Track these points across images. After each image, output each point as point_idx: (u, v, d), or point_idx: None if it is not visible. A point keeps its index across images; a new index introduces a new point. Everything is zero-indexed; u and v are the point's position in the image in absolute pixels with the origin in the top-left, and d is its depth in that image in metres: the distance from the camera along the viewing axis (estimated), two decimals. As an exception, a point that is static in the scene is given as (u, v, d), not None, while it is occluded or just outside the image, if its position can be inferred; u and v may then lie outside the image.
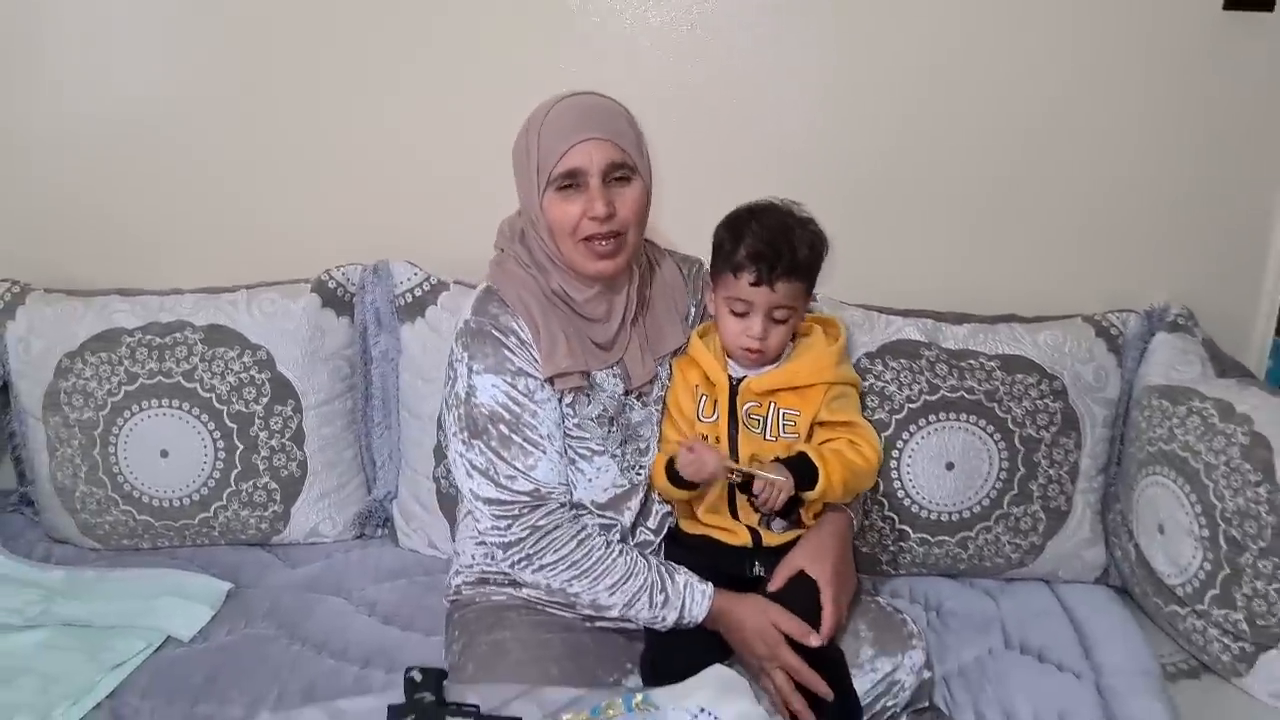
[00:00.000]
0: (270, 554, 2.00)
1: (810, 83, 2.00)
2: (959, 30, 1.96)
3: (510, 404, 1.48)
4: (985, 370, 1.88)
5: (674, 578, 1.49)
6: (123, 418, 1.92)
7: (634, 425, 1.58)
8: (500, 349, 1.48)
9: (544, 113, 1.46)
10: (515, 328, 1.50)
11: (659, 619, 1.47)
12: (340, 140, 2.06)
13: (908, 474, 1.87)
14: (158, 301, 1.97)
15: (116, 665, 1.64)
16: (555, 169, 1.42)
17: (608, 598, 1.47)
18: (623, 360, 1.56)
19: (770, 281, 1.45)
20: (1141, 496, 1.82)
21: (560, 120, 1.44)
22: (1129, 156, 2.00)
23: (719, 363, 1.53)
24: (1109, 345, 1.92)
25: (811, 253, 1.48)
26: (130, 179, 2.10)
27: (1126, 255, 2.06)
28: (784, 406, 1.51)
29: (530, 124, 1.47)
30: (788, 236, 1.46)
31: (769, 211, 1.51)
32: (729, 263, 1.47)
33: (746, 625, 1.46)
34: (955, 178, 2.03)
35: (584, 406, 1.53)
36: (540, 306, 1.50)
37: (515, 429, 1.47)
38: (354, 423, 2.04)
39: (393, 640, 1.74)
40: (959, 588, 1.90)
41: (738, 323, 1.49)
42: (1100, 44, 1.95)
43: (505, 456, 1.47)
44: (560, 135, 1.42)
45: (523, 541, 1.47)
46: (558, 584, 1.48)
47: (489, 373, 1.48)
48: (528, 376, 1.49)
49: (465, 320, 1.52)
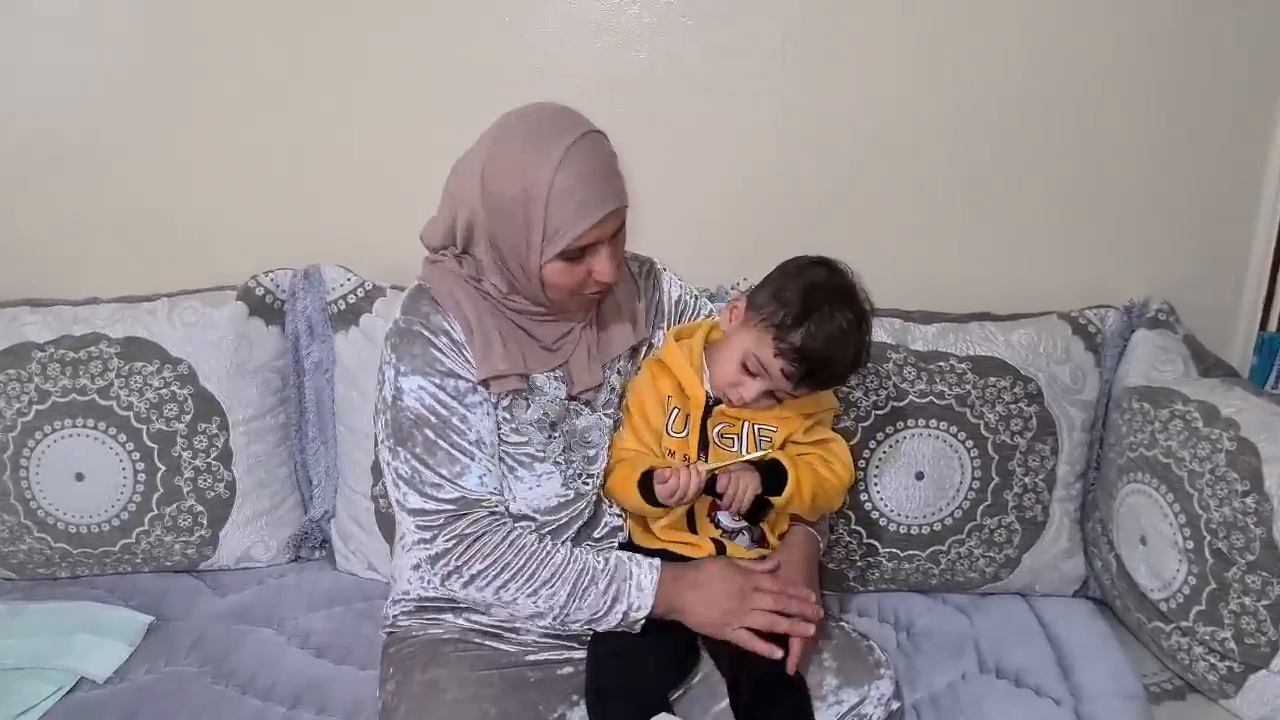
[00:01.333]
0: (199, 580, 1.87)
1: (771, 70, 1.89)
2: (928, 14, 1.85)
3: (437, 406, 1.36)
4: (956, 373, 1.77)
5: (614, 554, 1.40)
6: (34, 439, 1.78)
7: (580, 431, 1.46)
8: (429, 349, 1.37)
9: (548, 175, 1.26)
10: (447, 327, 1.38)
11: (606, 603, 1.36)
12: (268, 137, 1.93)
13: (875, 485, 1.77)
14: (71, 313, 1.84)
15: (23, 712, 1.51)
16: (571, 245, 1.29)
17: (549, 593, 1.36)
18: (567, 364, 1.44)
19: (798, 383, 1.35)
20: (1122, 505, 1.72)
21: (576, 191, 1.27)
22: (1106, 143, 1.90)
23: (697, 376, 1.41)
24: (1086, 344, 1.82)
25: (851, 369, 1.38)
26: (40, 181, 1.97)
27: (1104, 247, 1.96)
28: (759, 423, 1.41)
29: (527, 183, 1.27)
30: (843, 348, 1.34)
31: (844, 303, 1.35)
32: (777, 328, 1.33)
33: (710, 575, 1.38)
34: (923, 166, 1.93)
35: (522, 411, 1.41)
36: (475, 306, 1.38)
37: (442, 434, 1.36)
38: (287, 439, 1.91)
39: (325, 676, 1.62)
40: (931, 604, 1.80)
41: (740, 375, 1.37)
42: (1076, 26, 1.84)
43: (430, 464, 1.35)
44: (578, 212, 1.28)
45: (449, 553, 1.36)
46: (492, 594, 1.36)
47: (415, 374, 1.36)
48: (458, 378, 1.37)
49: (394, 320, 1.40)
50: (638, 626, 1.37)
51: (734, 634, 1.37)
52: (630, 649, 1.39)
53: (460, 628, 1.47)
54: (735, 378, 1.37)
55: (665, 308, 1.56)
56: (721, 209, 1.95)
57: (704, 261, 1.78)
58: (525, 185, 1.28)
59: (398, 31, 1.87)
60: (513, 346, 1.39)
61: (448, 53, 1.87)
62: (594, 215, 1.28)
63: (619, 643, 1.40)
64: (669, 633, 1.40)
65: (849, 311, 1.35)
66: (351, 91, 1.91)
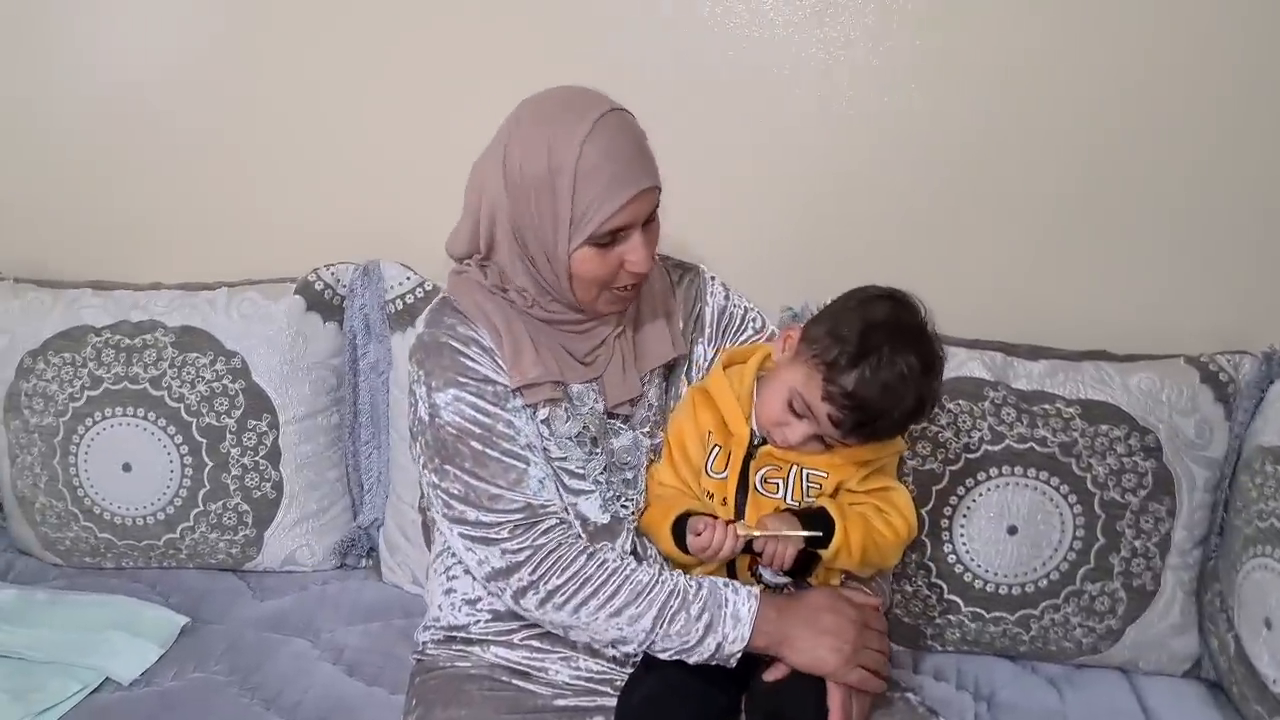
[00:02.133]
0: (242, 581, 1.81)
1: (862, 77, 1.73)
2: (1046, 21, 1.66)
3: (479, 415, 1.25)
4: (1063, 418, 1.59)
5: (707, 578, 1.24)
6: (84, 425, 1.75)
7: (617, 451, 1.34)
8: (458, 358, 1.27)
9: (573, 153, 1.18)
10: (474, 335, 1.28)
11: (698, 632, 1.20)
12: (339, 127, 1.86)
13: (961, 536, 1.59)
14: (131, 298, 1.80)
15: (44, 710, 1.47)
16: (602, 227, 1.19)
17: (633, 614, 1.21)
18: (603, 377, 1.33)
19: (848, 432, 1.20)
20: (1246, 580, 1.51)
21: (604, 168, 1.18)
22: (1248, 165, 1.68)
23: (742, 411, 1.27)
24: (1216, 394, 1.61)
25: (909, 421, 1.23)
26: (116, 166, 1.94)
27: (1243, 284, 1.73)
28: (809, 467, 1.26)
29: (553, 159, 1.19)
30: (900, 399, 1.18)
31: (907, 346, 1.19)
32: (829, 367, 1.18)
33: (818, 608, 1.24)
34: (1035, 181, 1.73)
35: (560, 423, 1.30)
36: (502, 313, 1.28)
37: (489, 443, 1.24)
38: (339, 441, 1.84)
39: (354, 697, 1.53)
40: (1017, 673, 1.62)
41: (786, 414, 1.23)
42: (1224, 32, 1.63)
43: (484, 476, 1.24)
44: (609, 190, 1.18)
45: (522, 565, 1.23)
46: (569, 614, 1.23)
47: (449, 386, 1.26)
48: (495, 384, 1.27)
49: (418, 336, 1.32)
50: (733, 661, 1.22)
51: (849, 676, 1.22)
52: (663, 701, 1.25)
53: (488, 663, 1.36)
54: (780, 417, 1.23)
55: (707, 319, 1.43)
56: (798, 222, 1.80)
57: (773, 278, 1.65)
58: (551, 162, 1.18)
59: (470, 28, 1.79)
60: (545, 353, 1.28)
61: (530, 51, 1.78)
62: (626, 192, 1.19)
63: (651, 693, 1.26)
64: (710, 684, 1.26)
65: (913, 356, 1.18)
66: (421, 90, 1.83)
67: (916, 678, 1.61)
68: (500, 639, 1.36)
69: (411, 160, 1.84)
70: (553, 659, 1.35)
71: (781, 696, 1.23)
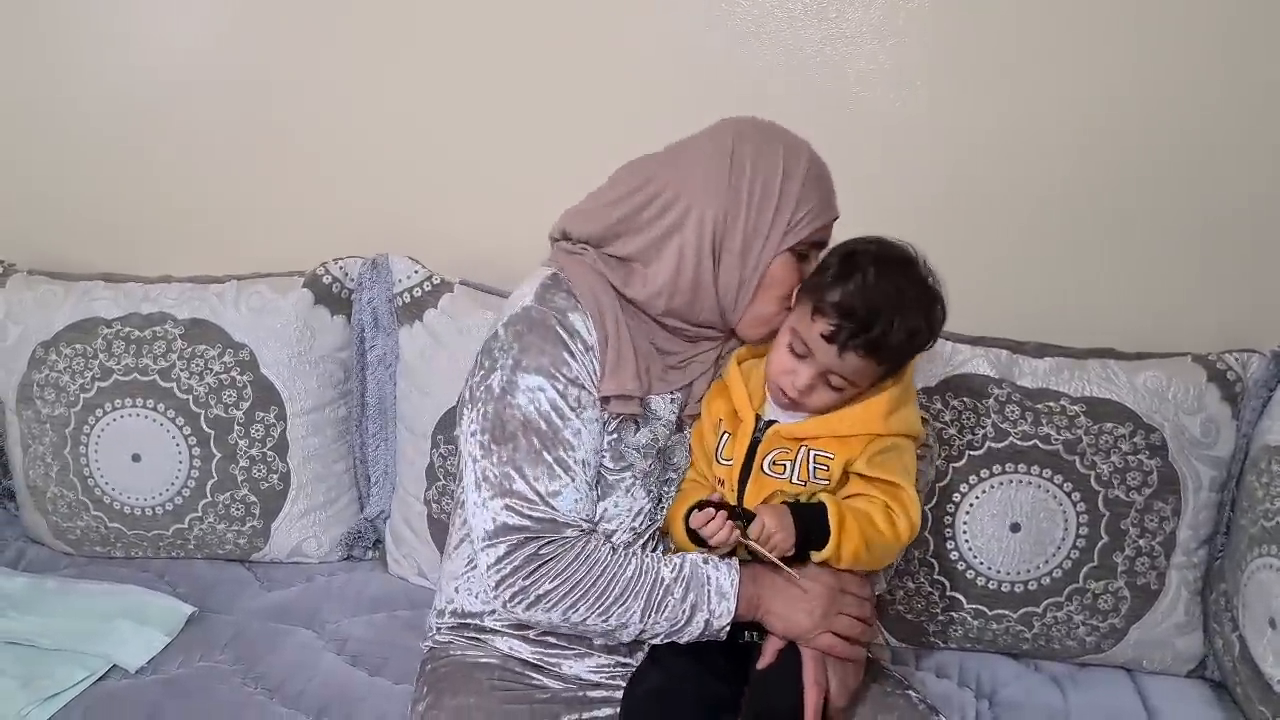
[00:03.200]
0: (249, 572, 1.82)
1: (881, 76, 1.73)
2: (1058, 25, 1.66)
3: (553, 414, 1.23)
4: (1067, 416, 1.58)
5: (687, 558, 1.26)
6: (94, 416, 1.76)
7: (668, 451, 1.35)
8: (559, 348, 1.23)
9: (805, 160, 1.26)
10: (581, 330, 1.25)
11: (685, 612, 1.22)
12: (347, 122, 1.88)
13: (964, 533, 1.59)
14: (141, 290, 1.81)
15: (51, 695, 1.48)
16: (812, 236, 1.26)
17: (621, 611, 1.22)
18: (690, 386, 1.32)
19: (842, 346, 1.18)
20: (1251, 580, 1.51)
21: (822, 185, 1.28)
22: (1255, 163, 1.67)
23: (752, 398, 1.27)
24: (1223, 392, 1.59)
25: (908, 342, 1.20)
26: (128, 160, 1.96)
27: (1251, 282, 1.73)
28: (817, 448, 1.25)
29: (787, 165, 1.24)
30: (893, 309, 1.17)
31: (895, 265, 1.21)
32: (816, 295, 1.19)
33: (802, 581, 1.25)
34: (1041, 180, 1.74)
35: (630, 434, 1.29)
36: (615, 310, 1.25)
37: (549, 445, 1.22)
38: (346, 434, 1.85)
39: (356, 686, 1.54)
40: (1020, 671, 1.62)
41: (790, 360, 1.22)
42: (1225, 41, 1.63)
43: (527, 474, 1.22)
44: (825, 203, 1.28)
45: (517, 572, 1.23)
46: (560, 616, 1.23)
47: (538, 373, 1.22)
48: (582, 389, 1.24)
49: (524, 306, 1.26)
50: (723, 634, 1.23)
51: (820, 639, 1.23)
52: (666, 695, 1.26)
53: (501, 653, 1.36)
54: (785, 363, 1.23)
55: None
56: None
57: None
58: (786, 167, 1.25)
59: (481, 21, 1.79)
60: (643, 364, 1.26)
61: (538, 45, 1.78)
62: (835, 210, 1.29)
63: (654, 686, 1.28)
64: (711, 677, 1.27)
65: (897, 273, 1.20)
66: (430, 84, 1.84)
67: (918, 674, 1.61)
68: (517, 631, 1.36)
69: (419, 154, 1.85)
70: (568, 655, 1.35)
71: (767, 680, 1.24)
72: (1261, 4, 1.61)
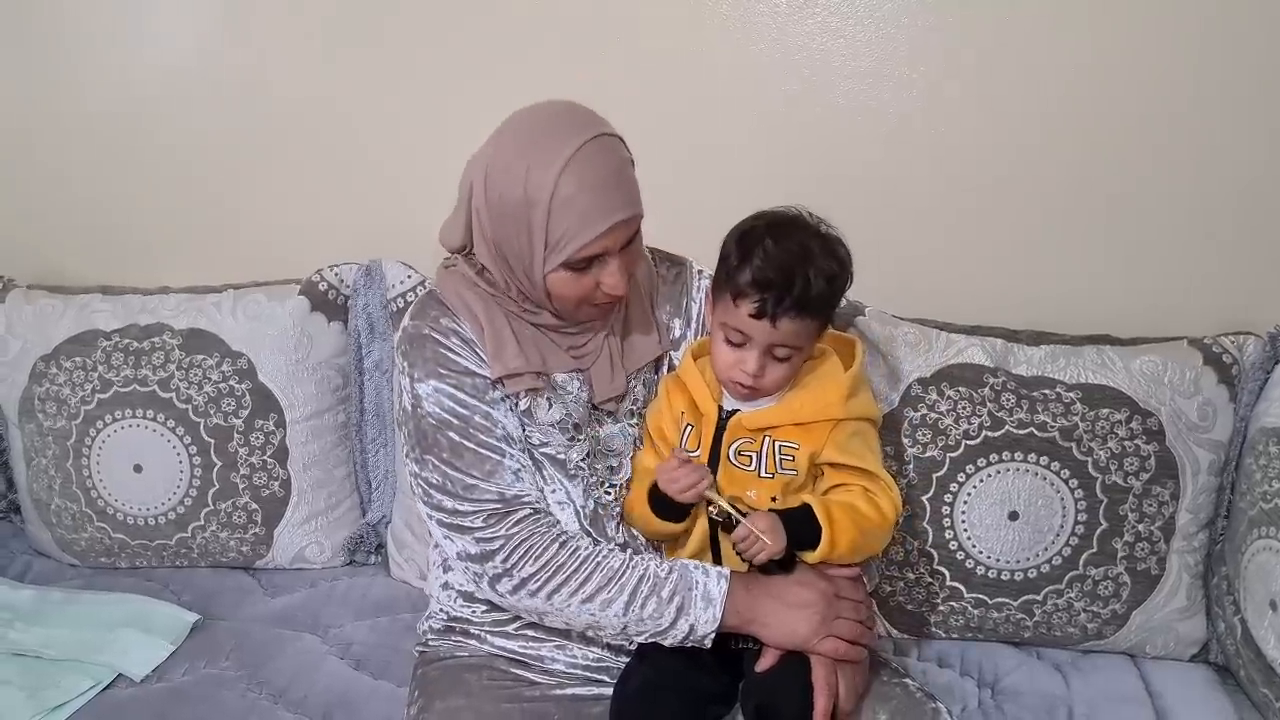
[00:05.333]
0: (253, 579, 1.84)
1: (857, 57, 1.73)
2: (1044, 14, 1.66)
3: (457, 407, 1.28)
4: (1063, 403, 1.58)
5: (679, 562, 1.27)
6: (95, 428, 1.78)
7: (603, 439, 1.37)
8: (440, 350, 1.30)
9: (550, 183, 1.18)
10: (457, 328, 1.31)
11: (670, 615, 1.22)
12: (338, 131, 1.89)
13: (962, 522, 1.59)
14: (139, 302, 1.82)
15: (58, 705, 1.50)
16: (575, 255, 1.21)
17: (604, 599, 1.24)
18: (589, 372, 1.35)
19: (773, 316, 1.19)
20: (1251, 562, 1.50)
21: (580, 199, 1.19)
22: (1248, 148, 1.66)
23: (710, 391, 1.30)
24: (1220, 376, 1.59)
25: (829, 287, 1.21)
26: (122, 173, 1.97)
27: (1246, 265, 1.72)
28: (781, 439, 1.27)
29: (529, 191, 1.19)
30: (804, 264, 1.19)
31: (788, 228, 1.23)
32: (730, 283, 1.21)
33: (788, 581, 1.26)
34: (1036, 167, 1.73)
35: (543, 411, 1.32)
36: (485, 306, 1.30)
37: (466, 434, 1.28)
38: (346, 439, 1.86)
39: (359, 690, 1.55)
40: (1022, 659, 1.62)
41: (732, 353, 1.24)
42: (1224, 23, 1.62)
43: (460, 466, 1.27)
44: (584, 221, 1.19)
45: (495, 554, 1.26)
46: (544, 600, 1.26)
47: (430, 378, 1.29)
48: (475, 376, 1.29)
49: (403, 327, 1.34)
50: (708, 641, 1.23)
51: (821, 645, 1.24)
52: (657, 690, 1.28)
53: (486, 653, 1.39)
54: (729, 356, 1.25)
55: (694, 314, 1.44)
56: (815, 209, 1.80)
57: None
58: (528, 190, 1.19)
59: (467, 32, 1.81)
60: (529, 345, 1.30)
61: (521, 54, 1.80)
62: (598, 226, 1.20)
63: (645, 681, 1.29)
64: (703, 673, 1.28)
65: (797, 234, 1.22)
66: (418, 92, 1.85)
67: (920, 664, 1.61)
68: (497, 630, 1.39)
69: (410, 160, 1.86)
70: (548, 647, 1.37)
71: (770, 684, 1.24)
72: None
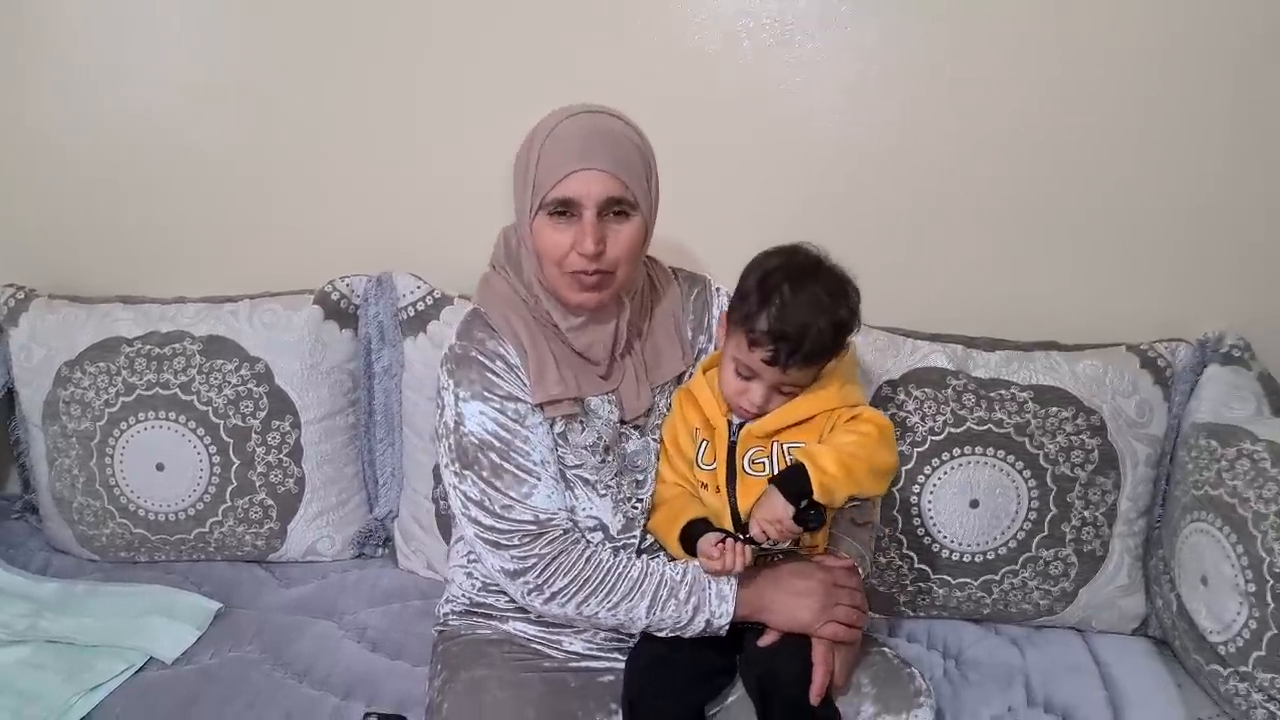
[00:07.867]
0: (267, 571, 1.95)
1: (831, 86, 1.88)
2: (992, 28, 1.81)
3: (500, 431, 1.39)
4: (1017, 402, 1.75)
5: (691, 564, 1.39)
6: (119, 429, 1.88)
7: (630, 455, 1.49)
8: (485, 373, 1.40)
9: (550, 127, 1.35)
10: (502, 352, 1.42)
11: (688, 613, 1.36)
12: (352, 147, 1.99)
13: (929, 510, 1.75)
14: (159, 310, 1.93)
15: (94, 687, 1.59)
16: (550, 193, 1.32)
17: (628, 606, 1.37)
18: (618, 390, 1.47)
19: (783, 366, 1.32)
20: (1185, 544, 1.68)
21: (564, 141, 1.33)
22: (1186, 169, 1.83)
23: (720, 406, 1.41)
24: (1155, 377, 1.78)
25: (837, 339, 1.34)
26: (141, 184, 2.06)
27: (1179, 278, 1.89)
28: (788, 441, 1.39)
29: (535, 136, 1.37)
30: (818, 317, 1.30)
31: (806, 279, 1.32)
32: (746, 325, 1.33)
33: (787, 573, 1.39)
34: (991, 189, 1.89)
35: (577, 434, 1.44)
36: (529, 330, 1.42)
37: (506, 457, 1.39)
38: (355, 439, 1.98)
39: (378, 670, 1.67)
40: (982, 634, 1.78)
41: (740, 383, 1.36)
42: (1156, 42, 1.78)
43: (498, 486, 1.39)
44: (561, 158, 1.32)
45: (529, 570, 1.39)
46: (573, 609, 1.39)
47: (475, 400, 1.40)
48: (517, 401, 1.41)
49: (450, 345, 1.44)
50: (723, 632, 1.38)
51: (825, 629, 1.37)
52: (666, 663, 1.41)
53: (506, 633, 1.51)
54: (737, 385, 1.37)
55: (714, 329, 1.55)
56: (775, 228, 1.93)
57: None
58: (533, 138, 1.36)
59: (475, 47, 1.90)
60: (566, 370, 1.41)
61: (528, 68, 1.90)
62: (572, 164, 1.31)
63: (654, 656, 1.42)
64: (707, 648, 1.41)
65: (813, 284, 1.32)
66: (427, 107, 1.95)
67: (892, 640, 1.76)
68: (519, 614, 1.51)
69: (420, 177, 1.97)
70: (567, 632, 1.50)
71: (773, 656, 1.38)
72: (1197, 10, 1.75)
